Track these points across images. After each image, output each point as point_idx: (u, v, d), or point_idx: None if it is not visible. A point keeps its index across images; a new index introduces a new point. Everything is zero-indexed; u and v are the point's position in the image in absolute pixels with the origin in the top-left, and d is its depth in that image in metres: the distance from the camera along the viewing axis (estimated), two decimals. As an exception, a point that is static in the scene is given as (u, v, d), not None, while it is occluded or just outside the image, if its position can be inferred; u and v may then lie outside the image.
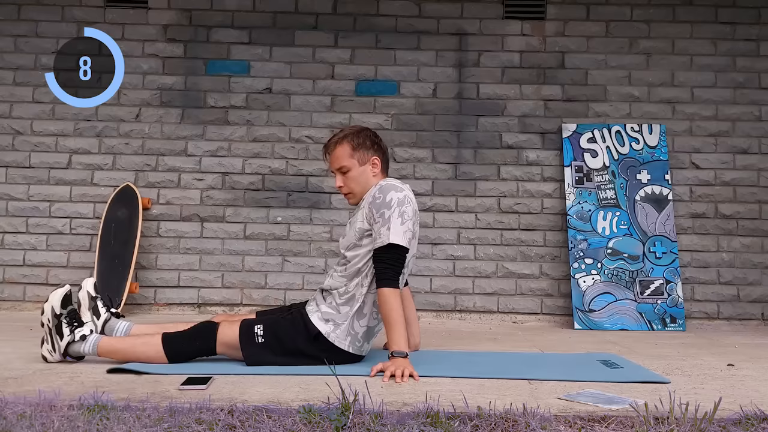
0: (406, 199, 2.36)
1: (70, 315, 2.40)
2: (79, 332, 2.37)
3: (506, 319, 4.22)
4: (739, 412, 1.75)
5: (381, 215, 2.33)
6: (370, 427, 1.62)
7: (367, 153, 2.48)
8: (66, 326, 2.37)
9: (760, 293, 4.22)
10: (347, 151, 2.47)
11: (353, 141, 2.48)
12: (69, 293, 2.43)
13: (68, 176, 4.29)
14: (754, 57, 4.37)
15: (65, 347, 2.36)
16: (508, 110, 4.36)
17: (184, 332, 2.42)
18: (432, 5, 4.40)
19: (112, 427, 1.59)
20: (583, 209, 4.19)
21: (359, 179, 2.47)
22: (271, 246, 4.26)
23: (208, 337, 2.37)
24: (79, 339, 2.36)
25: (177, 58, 4.37)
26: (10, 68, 4.34)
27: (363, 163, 2.47)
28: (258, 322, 2.39)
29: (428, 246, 4.26)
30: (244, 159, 4.31)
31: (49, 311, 2.36)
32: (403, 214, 2.33)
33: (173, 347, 2.35)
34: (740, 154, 4.32)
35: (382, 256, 2.32)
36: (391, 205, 2.33)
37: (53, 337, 2.37)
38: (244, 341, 2.34)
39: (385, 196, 2.35)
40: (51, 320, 2.36)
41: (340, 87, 4.37)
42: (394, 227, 2.30)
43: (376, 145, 2.51)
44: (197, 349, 2.39)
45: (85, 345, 2.36)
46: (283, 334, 2.37)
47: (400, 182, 2.46)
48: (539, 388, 2.08)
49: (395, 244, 2.30)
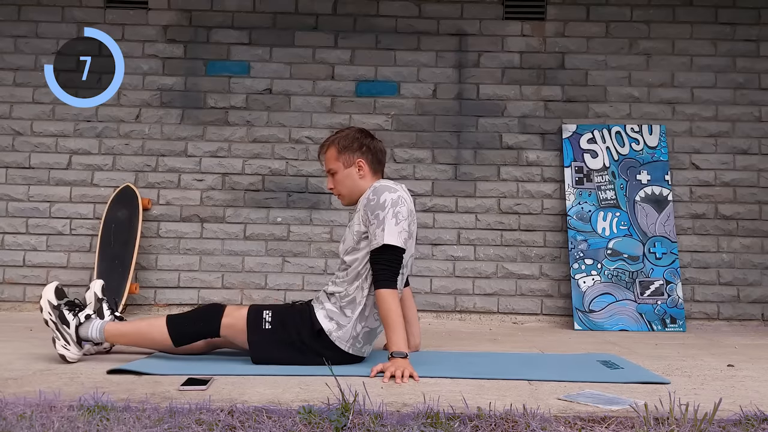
0: (399, 199, 2.37)
1: (67, 304, 2.43)
2: (83, 314, 2.42)
3: (506, 320, 4.22)
4: (739, 412, 1.75)
5: (375, 217, 2.34)
6: (370, 428, 1.62)
7: (353, 155, 2.51)
8: (68, 312, 2.40)
9: (760, 294, 4.22)
10: (333, 154, 2.53)
11: (339, 144, 2.52)
12: (60, 287, 2.45)
13: (68, 177, 4.29)
14: (754, 57, 4.38)
15: (75, 332, 2.39)
16: (508, 111, 4.36)
17: (188, 313, 2.48)
18: (432, 6, 4.40)
19: (112, 428, 1.59)
20: (583, 210, 4.19)
21: (345, 181, 2.52)
22: (271, 246, 4.26)
23: (213, 318, 2.40)
24: (85, 320, 2.41)
25: (177, 59, 4.37)
26: (10, 69, 4.34)
27: (348, 166, 2.51)
28: (267, 308, 2.42)
29: (428, 246, 4.26)
30: (244, 160, 4.31)
31: (47, 305, 2.39)
32: (398, 214, 2.34)
33: (177, 328, 2.40)
34: (740, 155, 4.32)
35: (378, 257, 2.33)
36: (385, 206, 2.34)
37: (61, 330, 2.38)
38: (252, 326, 2.37)
39: (378, 197, 2.37)
40: (52, 313, 2.38)
41: (340, 88, 4.37)
42: (389, 228, 2.31)
43: (364, 147, 2.53)
44: (201, 329, 2.42)
45: (92, 330, 2.40)
46: (289, 323, 2.39)
47: (394, 183, 2.47)
48: (539, 388, 2.08)
49: (391, 245, 2.31)
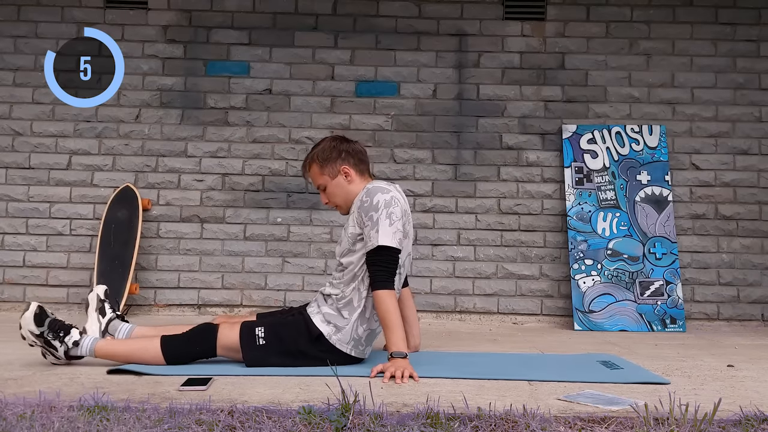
0: (393, 199, 2.37)
1: (50, 328, 2.28)
2: (69, 339, 2.29)
3: (506, 320, 4.22)
4: (739, 413, 1.76)
5: (369, 218, 2.35)
6: (370, 428, 1.62)
7: (335, 165, 2.52)
8: (54, 340, 2.28)
9: (760, 294, 4.22)
10: (316, 170, 2.55)
11: (318, 158, 2.54)
12: (38, 310, 2.28)
13: (68, 177, 4.29)
14: (755, 58, 4.38)
15: (64, 355, 2.31)
16: (508, 111, 4.36)
17: (182, 335, 2.39)
18: (432, 6, 4.40)
19: (112, 428, 1.59)
20: (583, 210, 4.19)
21: (337, 192, 2.54)
22: (271, 247, 4.26)
23: (208, 339, 2.35)
24: (73, 346, 2.30)
25: (177, 59, 4.37)
26: (10, 69, 4.34)
27: (334, 176, 2.53)
28: (259, 324, 2.38)
29: (428, 247, 4.26)
30: (244, 160, 4.31)
31: (29, 336, 2.27)
32: (391, 215, 2.34)
33: (172, 351, 2.33)
34: (740, 155, 4.32)
35: (374, 258, 2.33)
36: (378, 208, 2.34)
37: (50, 350, 2.31)
38: (245, 343, 2.34)
39: (371, 198, 2.37)
40: (36, 341, 2.28)
41: (340, 88, 4.37)
42: (383, 229, 2.32)
43: (344, 153, 2.53)
44: (197, 352, 2.37)
45: (81, 348, 2.31)
46: (284, 335, 2.37)
47: (387, 183, 2.48)
48: (539, 389, 2.08)
49: (386, 246, 2.31)
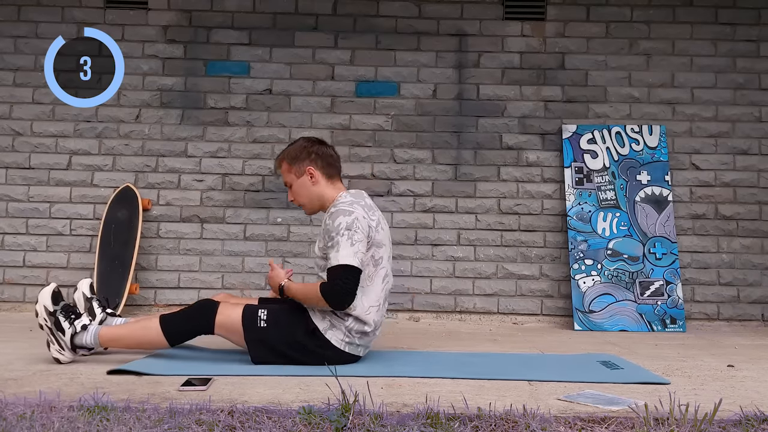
0: (354, 222, 2.38)
1: (64, 309, 2.40)
2: (79, 323, 2.40)
3: (506, 320, 4.22)
4: (739, 413, 1.76)
5: (331, 239, 2.39)
6: (370, 428, 1.62)
7: (302, 165, 2.56)
8: (64, 320, 2.37)
9: (760, 294, 4.22)
10: (286, 167, 2.60)
11: (288, 156, 2.59)
12: (57, 290, 2.44)
13: (68, 177, 4.29)
14: (754, 58, 4.38)
15: (70, 340, 2.37)
16: (508, 111, 4.36)
17: (182, 312, 2.47)
18: (432, 6, 4.40)
19: (112, 428, 1.59)
20: (583, 210, 4.19)
21: (301, 191, 2.58)
22: (271, 247, 4.26)
23: (207, 315, 2.41)
24: (81, 329, 2.39)
25: (177, 59, 4.37)
26: (10, 69, 4.34)
27: (300, 176, 2.57)
28: (261, 308, 2.45)
29: (428, 247, 4.26)
30: (244, 160, 4.31)
31: (43, 311, 2.37)
32: (353, 236, 2.36)
33: (172, 328, 2.41)
34: (740, 155, 4.32)
35: (332, 274, 2.35)
36: (340, 230, 2.37)
37: (56, 336, 2.37)
38: (248, 324, 2.40)
39: (334, 221, 2.40)
40: (47, 319, 2.37)
41: (340, 88, 4.37)
42: (344, 250, 2.34)
43: (313, 155, 2.57)
44: (196, 328, 2.43)
45: (86, 336, 2.39)
46: (284, 323, 2.42)
47: (353, 197, 2.50)
48: (539, 389, 2.08)
49: (346, 265, 2.34)
